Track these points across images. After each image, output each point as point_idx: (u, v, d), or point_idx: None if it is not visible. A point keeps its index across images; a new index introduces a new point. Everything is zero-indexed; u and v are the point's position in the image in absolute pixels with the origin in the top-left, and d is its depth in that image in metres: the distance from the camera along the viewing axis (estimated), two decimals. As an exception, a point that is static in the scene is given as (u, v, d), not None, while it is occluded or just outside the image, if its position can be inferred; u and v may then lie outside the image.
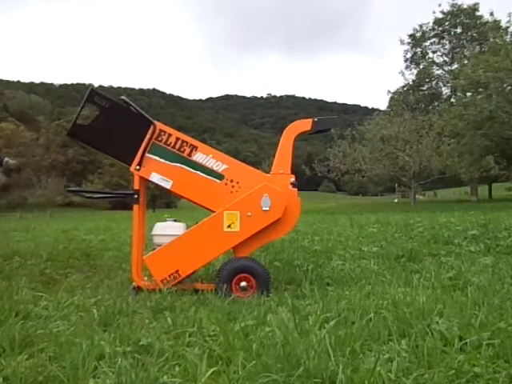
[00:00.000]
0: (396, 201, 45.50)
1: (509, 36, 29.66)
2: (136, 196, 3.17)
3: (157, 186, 3.30)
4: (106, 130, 3.21)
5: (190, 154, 3.16)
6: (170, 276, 3.04)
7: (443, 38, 37.02)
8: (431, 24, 36.86)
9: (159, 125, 3.18)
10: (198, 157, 3.16)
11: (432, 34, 37.05)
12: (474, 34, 35.21)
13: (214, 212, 3.12)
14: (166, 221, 3.34)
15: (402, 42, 37.95)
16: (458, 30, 36.31)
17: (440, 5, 36.81)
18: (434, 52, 37.80)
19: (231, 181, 3.16)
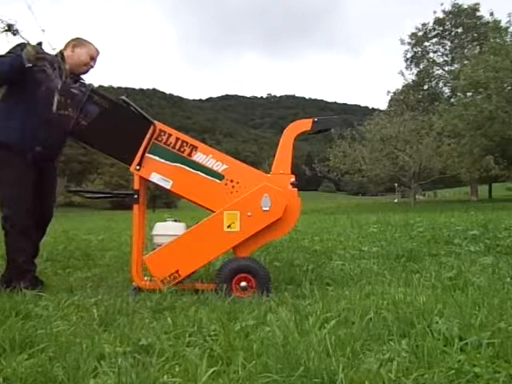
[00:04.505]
0: (396, 201, 45.55)
1: (509, 36, 29.69)
2: (136, 196, 3.17)
3: (157, 186, 3.30)
4: (106, 130, 3.20)
5: (190, 154, 3.16)
6: (170, 276, 3.04)
7: (444, 37, 37.11)
8: (432, 24, 36.94)
9: (159, 125, 3.18)
10: (198, 157, 3.16)
11: (433, 33, 37.13)
12: (475, 35, 35.25)
13: (214, 212, 3.12)
14: (166, 221, 3.34)
15: (402, 42, 38.03)
16: (459, 30, 36.37)
17: (442, 4, 36.89)
18: (434, 52, 37.89)
19: (231, 181, 3.16)
